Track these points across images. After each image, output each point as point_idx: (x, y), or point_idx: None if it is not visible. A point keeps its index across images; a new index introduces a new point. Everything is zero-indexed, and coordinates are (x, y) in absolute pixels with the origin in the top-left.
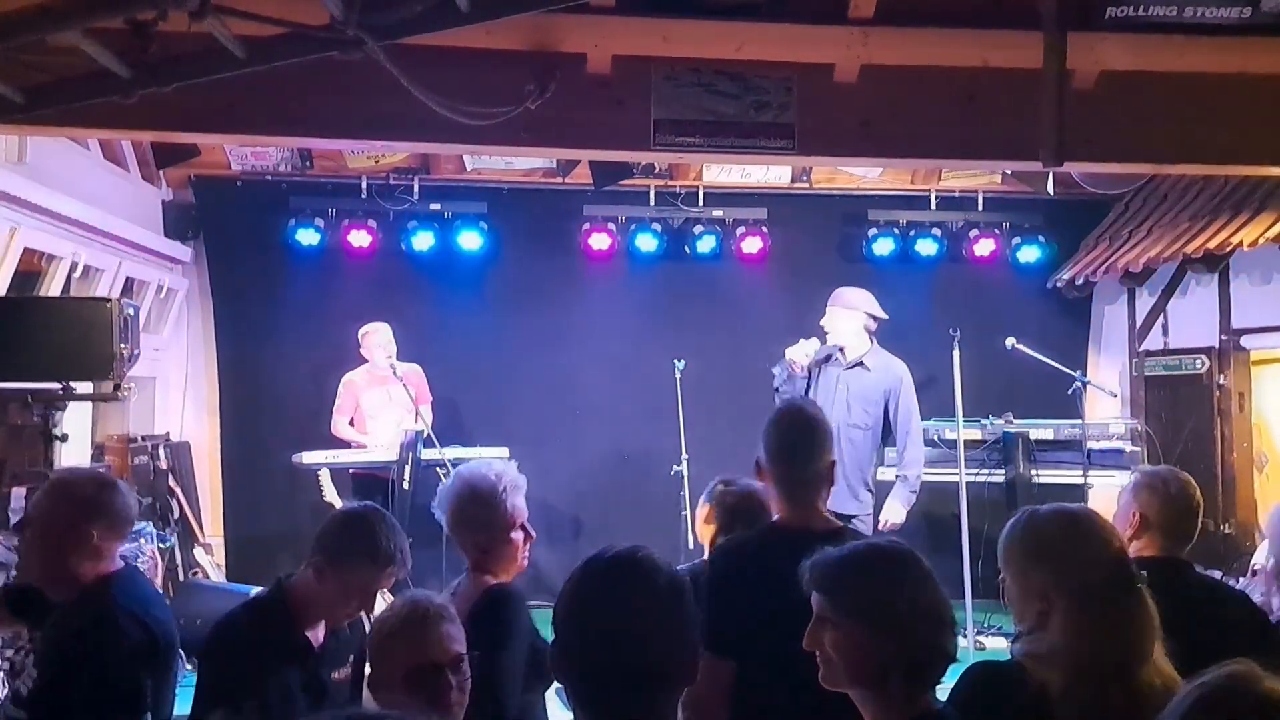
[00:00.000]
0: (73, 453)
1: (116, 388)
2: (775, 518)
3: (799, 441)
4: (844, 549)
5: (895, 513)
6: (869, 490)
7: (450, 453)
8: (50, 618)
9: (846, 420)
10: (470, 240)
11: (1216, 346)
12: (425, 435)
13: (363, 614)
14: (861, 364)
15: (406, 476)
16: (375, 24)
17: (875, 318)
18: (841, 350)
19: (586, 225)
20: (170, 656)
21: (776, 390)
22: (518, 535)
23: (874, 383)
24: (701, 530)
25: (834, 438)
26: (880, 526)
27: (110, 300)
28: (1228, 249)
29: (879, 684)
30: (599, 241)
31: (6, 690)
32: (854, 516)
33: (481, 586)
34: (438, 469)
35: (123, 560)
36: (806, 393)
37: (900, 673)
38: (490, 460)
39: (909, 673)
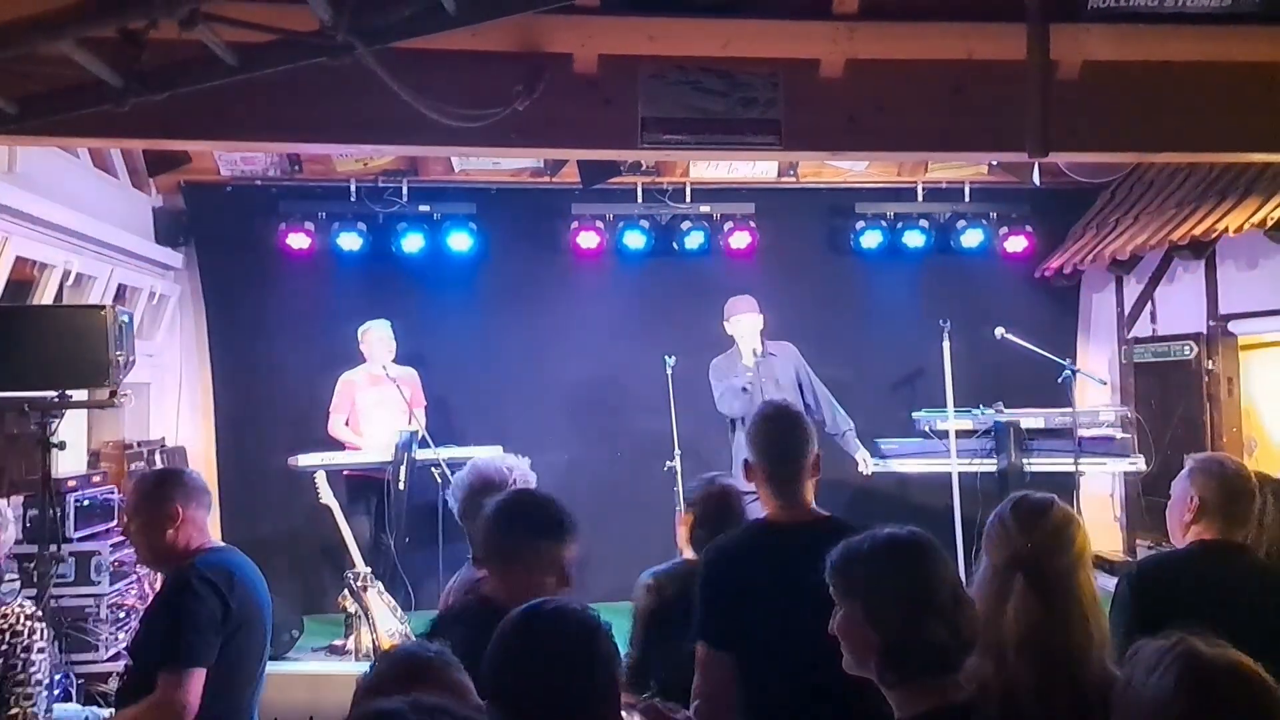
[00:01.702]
0: (69, 460)
1: (112, 394)
2: (764, 514)
3: (786, 440)
4: (859, 539)
5: (868, 458)
6: None
7: (445, 453)
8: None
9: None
10: (460, 241)
11: (1204, 332)
12: (420, 436)
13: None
14: (771, 353)
15: (402, 477)
16: (364, 28)
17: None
18: (756, 348)
19: (575, 224)
20: (245, 625)
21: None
22: None
23: (783, 365)
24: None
25: (816, 434)
26: (867, 474)
27: (104, 307)
28: (1214, 235)
29: (868, 667)
30: (587, 240)
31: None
32: None
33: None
34: (433, 469)
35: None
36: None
37: (879, 655)
38: (505, 455)
39: (888, 657)
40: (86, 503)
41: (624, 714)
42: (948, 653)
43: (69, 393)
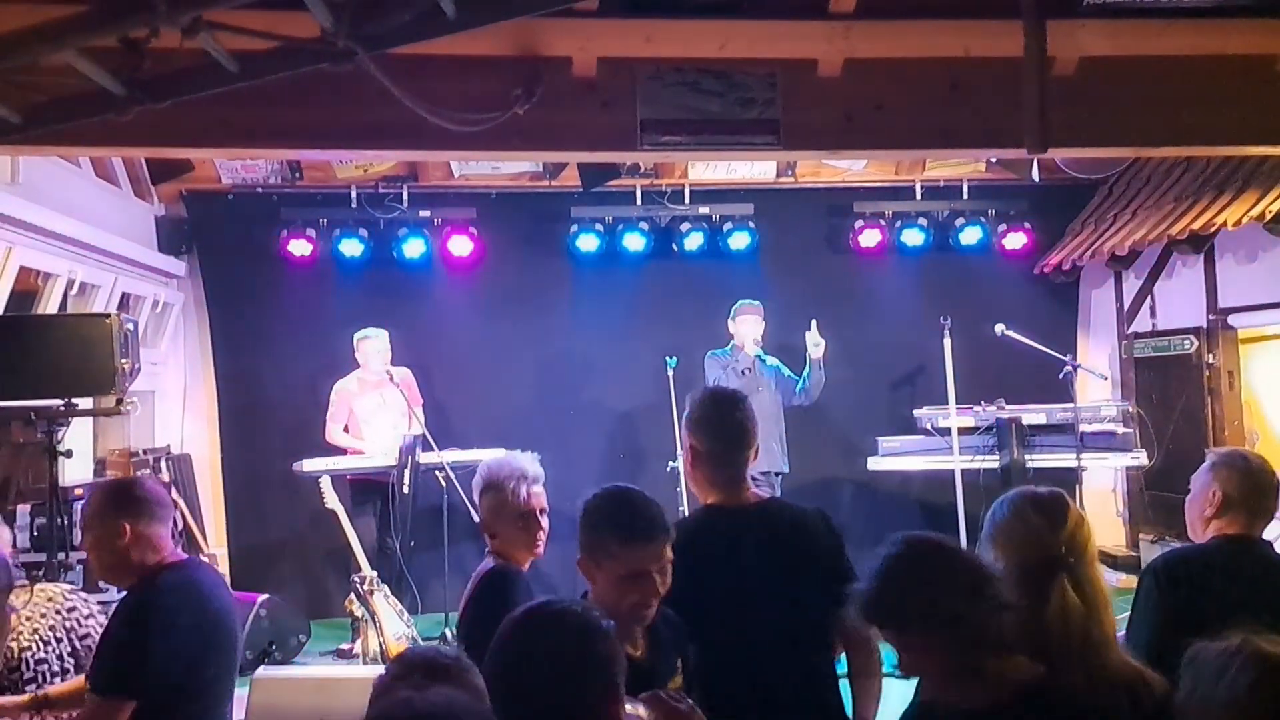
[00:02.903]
0: (76, 468)
1: (119, 402)
2: (708, 500)
3: (737, 429)
4: (871, 577)
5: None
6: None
7: (448, 456)
8: (116, 607)
9: (770, 400)
10: (460, 246)
11: (1204, 326)
12: (423, 438)
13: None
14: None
15: (406, 481)
16: (364, 34)
17: None
18: (758, 338)
19: (574, 227)
20: (215, 644)
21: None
22: (527, 522)
23: (773, 366)
24: None
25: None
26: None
27: (109, 316)
28: (1212, 229)
29: (966, 673)
30: (587, 243)
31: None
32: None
33: (484, 569)
34: (436, 472)
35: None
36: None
37: (954, 653)
38: (516, 453)
39: (962, 646)
40: (83, 514)
41: (628, 705)
42: (1007, 610)
43: (75, 401)
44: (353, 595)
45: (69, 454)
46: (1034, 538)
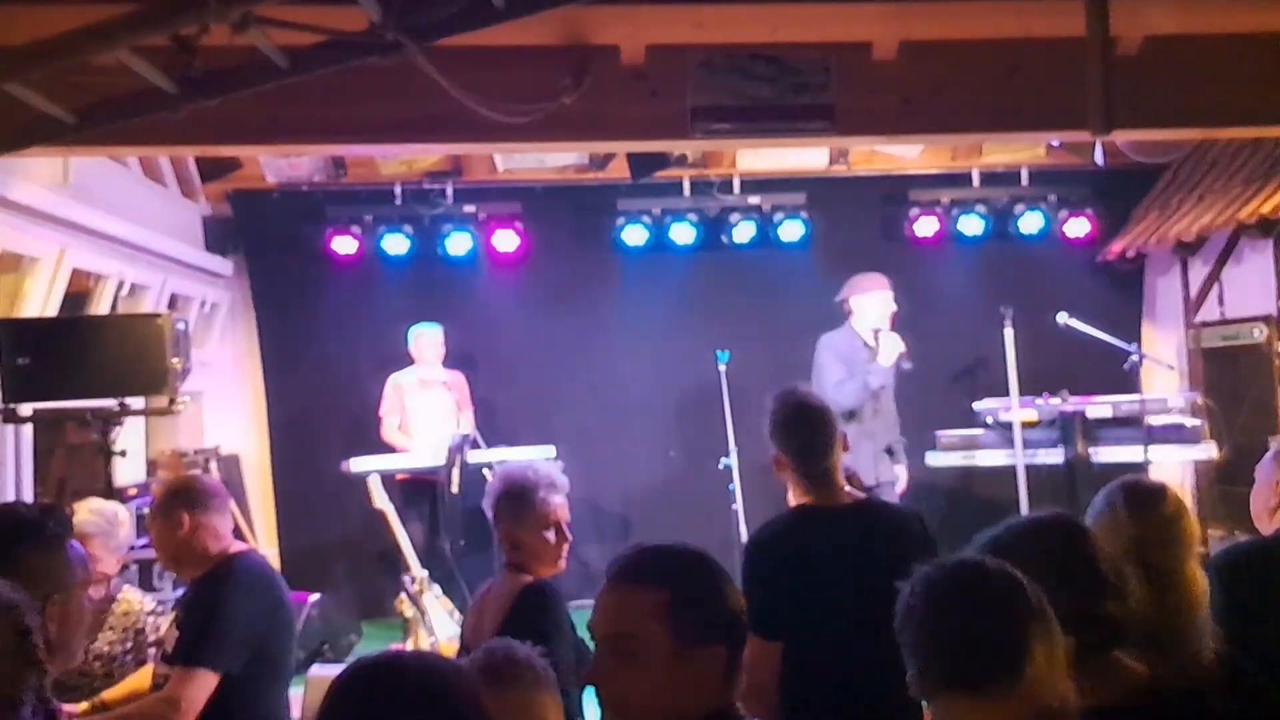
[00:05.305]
0: (128, 469)
1: (171, 402)
2: (801, 501)
3: (815, 434)
4: (999, 531)
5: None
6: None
7: (497, 454)
8: (188, 591)
9: (893, 394)
10: (505, 241)
11: (1275, 314)
12: (471, 438)
13: None
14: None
15: (455, 480)
16: (412, 26)
17: None
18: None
19: (621, 220)
20: (285, 625)
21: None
22: (551, 535)
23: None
24: None
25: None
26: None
27: (161, 315)
28: None
29: (1083, 671)
30: (634, 235)
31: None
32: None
33: (519, 584)
34: (484, 471)
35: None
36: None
37: (1098, 652)
38: (534, 460)
39: (1105, 649)
40: (148, 510)
41: None
42: (1114, 625)
43: (128, 401)
44: (404, 595)
45: (124, 454)
46: (1114, 525)
